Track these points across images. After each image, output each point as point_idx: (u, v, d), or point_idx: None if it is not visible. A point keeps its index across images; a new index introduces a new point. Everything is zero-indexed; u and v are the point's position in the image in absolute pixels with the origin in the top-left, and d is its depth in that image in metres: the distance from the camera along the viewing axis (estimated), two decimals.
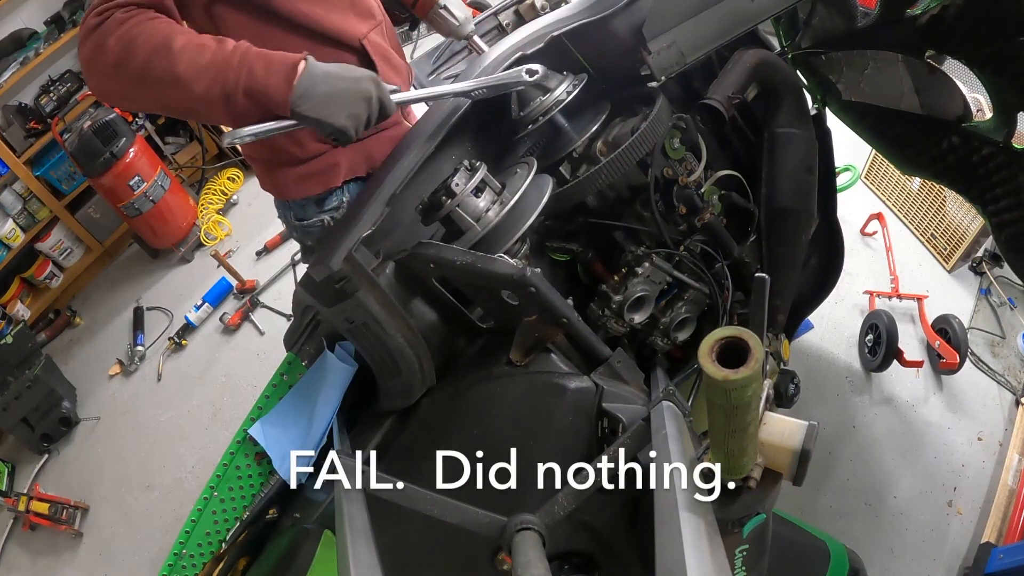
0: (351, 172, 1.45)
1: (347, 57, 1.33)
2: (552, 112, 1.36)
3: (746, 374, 0.59)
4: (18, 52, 3.50)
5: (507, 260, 1.12)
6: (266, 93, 1.06)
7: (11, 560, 2.74)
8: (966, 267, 2.77)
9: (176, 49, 1.04)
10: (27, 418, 2.95)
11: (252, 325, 3.31)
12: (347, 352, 1.31)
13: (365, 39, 1.35)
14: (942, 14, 1.40)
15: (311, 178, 1.44)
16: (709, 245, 1.56)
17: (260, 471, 1.37)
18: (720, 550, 0.66)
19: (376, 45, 1.38)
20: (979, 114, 1.79)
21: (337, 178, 1.44)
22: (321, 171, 1.43)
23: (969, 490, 2.18)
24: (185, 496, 2.68)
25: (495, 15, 1.78)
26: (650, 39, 1.36)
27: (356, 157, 1.44)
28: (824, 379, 2.50)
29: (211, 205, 4.04)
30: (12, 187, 3.52)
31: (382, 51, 1.40)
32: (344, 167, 1.43)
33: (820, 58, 1.82)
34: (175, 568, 1.37)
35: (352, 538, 0.86)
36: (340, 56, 1.30)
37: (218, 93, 1.05)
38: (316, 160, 1.41)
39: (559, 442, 1.13)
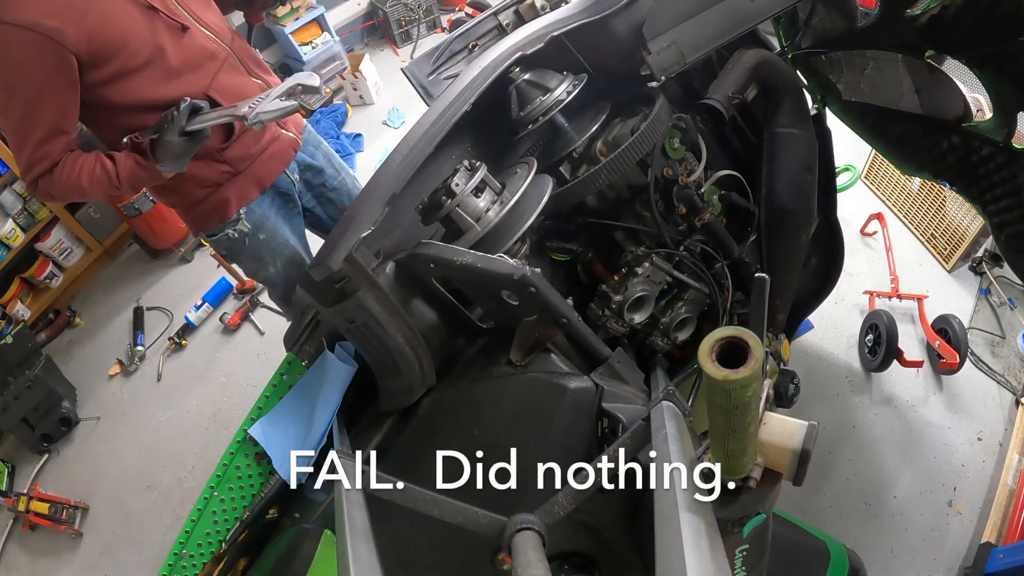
0: (242, 201, 1.74)
1: None
2: (552, 112, 1.37)
3: (746, 374, 0.59)
4: None
5: (507, 260, 1.12)
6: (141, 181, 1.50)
7: (11, 560, 2.73)
8: (966, 267, 2.77)
9: (87, 190, 1.50)
10: (27, 418, 2.95)
11: (252, 325, 3.31)
12: (347, 352, 1.31)
13: (209, 89, 1.55)
14: (942, 14, 1.40)
15: (209, 215, 1.74)
16: (709, 245, 1.56)
17: (260, 471, 1.37)
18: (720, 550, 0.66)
19: (222, 88, 1.58)
20: (979, 114, 1.78)
21: (230, 211, 1.73)
22: (214, 208, 1.72)
23: (969, 490, 2.18)
24: (185, 496, 2.68)
25: (495, 15, 1.78)
26: (650, 39, 1.36)
27: (244, 186, 1.72)
28: (824, 379, 2.50)
29: None
30: (12, 187, 3.51)
31: (230, 91, 1.58)
32: (234, 200, 1.72)
33: (820, 58, 1.82)
34: (175, 568, 1.36)
35: (352, 538, 0.86)
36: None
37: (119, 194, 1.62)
38: (207, 201, 1.70)
39: (559, 442, 1.13)
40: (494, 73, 1.29)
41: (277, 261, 1.89)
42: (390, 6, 4.98)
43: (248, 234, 1.78)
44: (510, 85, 1.37)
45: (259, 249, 1.84)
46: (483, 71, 1.28)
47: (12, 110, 1.42)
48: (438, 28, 5.18)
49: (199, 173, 1.62)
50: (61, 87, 1.40)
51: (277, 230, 1.86)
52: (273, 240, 1.85)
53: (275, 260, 1.89)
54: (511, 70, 1.33)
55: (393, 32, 5.08)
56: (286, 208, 1.90)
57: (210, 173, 1.65)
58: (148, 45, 1.45)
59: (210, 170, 1.65)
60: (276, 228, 1.85)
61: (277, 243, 1.87)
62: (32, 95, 1.39)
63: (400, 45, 5.12)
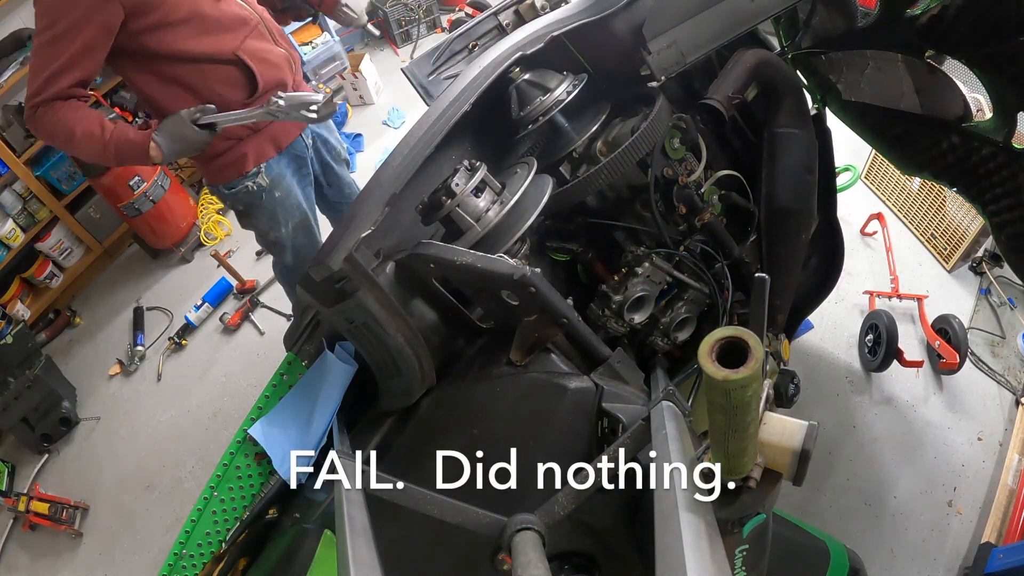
0: (260, 158, 1.88)
1: (227, 69, 1.73)
2: (552, 112, 1.37)
3: (746, 374, 0.59)
4: (18, 52, 3.49)
5: (507, 260, 1.12)
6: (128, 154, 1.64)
7: (11, 560, 2.74)
8: (966, 267, 2.77)
9: (76, 138, 1.61)
10: (27, 418, 2.95)
11: (252, 325, 3.31)
12: (347, 352, 1.30)
13: (239, 50, 1.72)
14: (942, 14, 1.40)
15: (227, 168, 1.88)
16: (709, 245, 1.56)
17: (260, 471, 1.37)
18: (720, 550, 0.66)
19: (251, 51, 1.75)
20: (979, 114, 1.78)
21: (247, 165, 1.86)
22: (232, 162, 1.86)
23: (969, 490, 2.18)
24: (185, 496, 2.68)
25: (495, 15, 1.78)
26: (650, 39, 1.36)
27: (262, 144, 1.87)
28: (824, 379, 2.50)
29: (211, 205, 4.03)
30: (12, 187, 3.52)
31: (257, 55, 1.76)
32: (252, 156, 1.86)
33: (820, 58, 1.82)
34: (175, 568, 1.36)
35: (352, 538, 0.86)
36: (221, 70, 1.72)
37: (103, 159, 1.66)
38: (227, 154, 1.85)
39: (559, 442, 1.13)
40: (494, 73, 1.29)
41: (289, 223, 2.03)
42: (390, 6, 4.98)
43: (266, 189, 1.92)
44: (510, 85, 1.37)
45: (274, 207, 1.97)
46: (483, 71, 1.28)
47: (46, 33, 1.55)
48: (438, 28, 5.18)
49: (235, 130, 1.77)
50: (97, 26, 1.53)
51: (291, 190, 1.99)
52: (287, 200, 1.98)
53: (287, 221, 2.02)
54: (511, 70, 1.33)
55: (393, 32, 5.08)
56: (300, 174, 2.05)
57: (232, 127, 1.73)
58: (187, 4, 1.62)
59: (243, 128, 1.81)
60: (291, 188, 1.99)
61: (291, 203, 2.00)
62: (69, 25, 1.52)
63: (400, 45, 5.12)
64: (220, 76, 1.73)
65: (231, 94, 1.73)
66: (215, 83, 1.73)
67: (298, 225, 2.06)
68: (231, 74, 1.74)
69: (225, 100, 1.70)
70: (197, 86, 1.70)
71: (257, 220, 2.02)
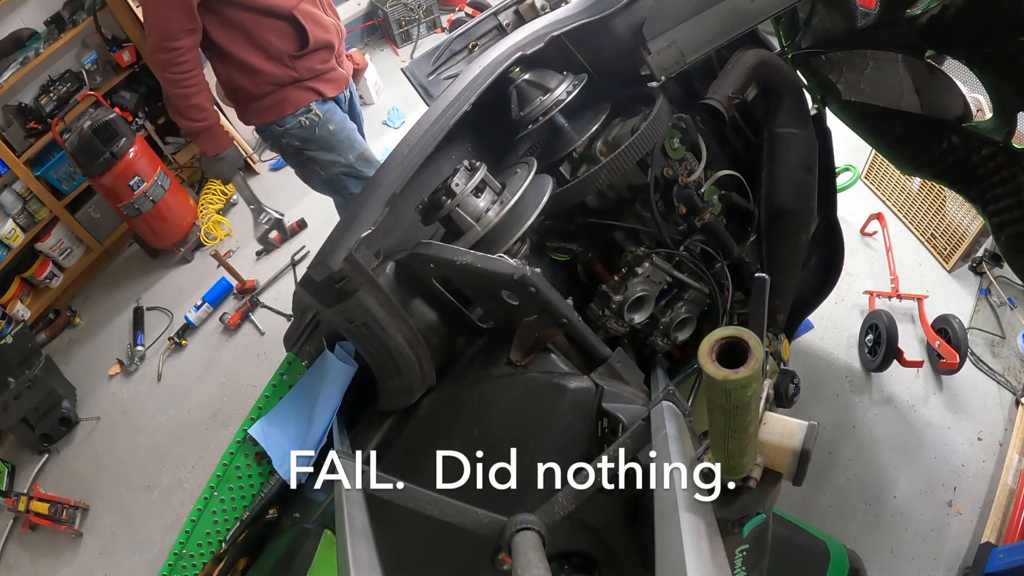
0: (297, 105, 2.06)
1: (282, 25, 1.95)
2: (552, 112, 1.36)
3: (746, 374, 0.59)
4: (18, 52, 3.49)
5: (507, 260, 1.12)
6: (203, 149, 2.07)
7: (11, 560, 2.74)
8: (966, 267, 2.77)
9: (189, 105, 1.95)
10: (27, 418, 2.95)
11: (252, 325, 3.31)
12: (347, 352, 1.30)
13: (295, 9, 1.95)
14: (942, 14, 1.40)
15: (266, 111, 2.08)
16: (709, 245, 1.55)
17: (260, 471, 1.37)
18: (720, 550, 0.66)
19: (305, 13, 1.97)
20: (979, 114, 1.78)
21: (285, 110, 2.06)
22: (271, 105, 2.06)
23: (969, 490, 2.18)
24: (185, 496, 2.68)
25: (495, 15, 1.78)
26: (650, 39, 1.36)
27: (301, 94, 2.06)
28: (824, 379, 2.50)
29: (211, 205, 4.03)
30: (12, 187, 3.52)
31: (311, 17, 1.99)
32: (290, 103, 2.06)
33: (820, 58, 1.82)
34: (175, 568, 1.36)
35: (352, 538, 0.86)
36: (277, 25, 1.95)
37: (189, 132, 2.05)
38: (267, 98, 2.05)
39: (559, 442, 1.13)
40: (494, 73, 1.29)
41: (349, 154, 2.18)
42: (390, 6, 4.98)
43: (319, 123, 2.09)
44: (510, 85, 1.37)
45: (330, 139, 2.13)
46: (483, 71, 1.28)
47: None
48: (438, 28, 5.18)
49: (269, 71, 1.98)
50: None
51: (344, 124, 2.18)
52: (342, 132, 2.15)
53: (347, 153, 2.17)
54: (511, 70, 1.33)
55: (393, 32, 5.08)
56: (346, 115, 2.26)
57: (278, 73, 1.99)
58: None
59: (279, 71, 2.00)
60: (343, 123, 2.17)
61: (346, 134, 2.17)
62: None
63: (400, 45, 5.12)
64: (274, 28, 1.96)
65: (282, 45, 1.97)
66: (269, 32, 1.96)
67: (359, 156, 2.21)
68: (284, 28, 1.98)
69: (275, 49, 1.97)
70: (253, 32, 1.94)
71: (315, 152, 2.16)
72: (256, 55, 1.98)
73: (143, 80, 3.92)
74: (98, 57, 3.73)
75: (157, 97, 4.01)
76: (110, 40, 3.72)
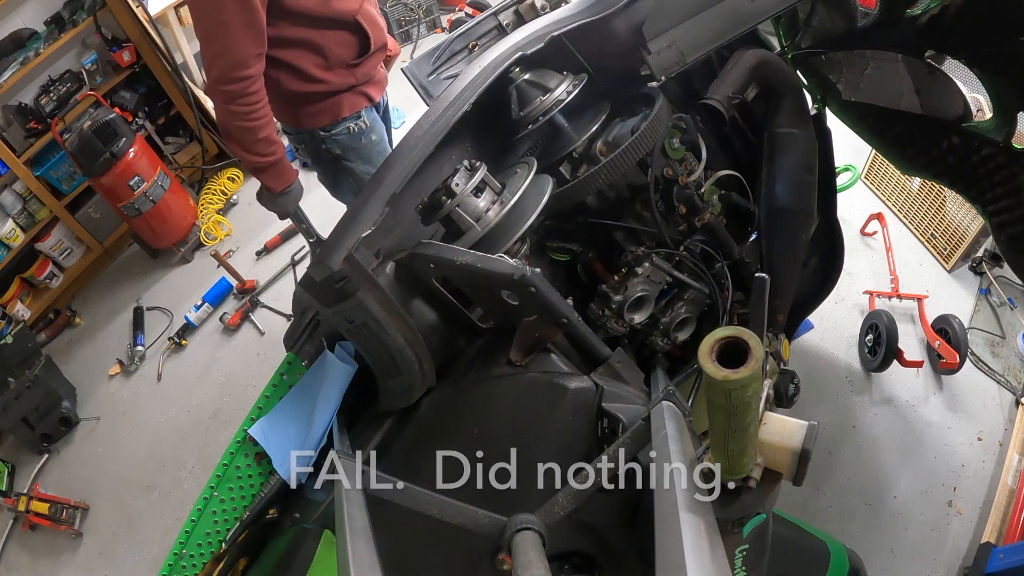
0: (352, 109, 1.98)
1: (344, 34, 1.85)
2: (552, 112, 1.36)
3: (746, 374, 0.59)
4: (18, 52, 3.49)
5: (507, 260, 1.12)
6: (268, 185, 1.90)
7: (11, 560, 2.74)
8: (966, 267, 2.77)
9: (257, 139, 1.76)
10: (27, 418, 2.95)
11: (252, 325, 3.31)
12: (347, 352, 1.30)
13: (358, 14, 1.84)
14: (942, 14, 1.40)
15: (321, 114, 1.97)
16: (709, 245, 1.55)
17: (260, 471, 1.37)
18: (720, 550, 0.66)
19: (367, 16, 1.87)
20: (979, 114, 1.78)
21: (343, 112, 1.97)
22: (327, 108, 1.96)
23: (969, 490, 2.18)
24: (185, 496, 2.68)
25: (495, 15, 1.78)
26: (650, 39, 1.36)
27: (356, 98, 1.99)
28: (824, 379, 2.50)
29: (211, 205, 4.03)
30: (12, 187, 3.51)
31: (371, 20, 1.90)
32: (346, 106, 1.97)
33: (820, 58, 1.82)
34: (175, 568, 1.36)
35: (352, 538, 0.86)
36: (340, 32, 1.84)
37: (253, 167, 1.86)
38: (324, 102, 1.94)
39: (559, 442, 1.13)
40: (494, 73, 1.29)
41: None
42: (390, 6, 4.98)
43: (364, 132, 2.04)
44: (510, 85, 1.37)
45: (370, 149, 2.08)
46: (483, 71, 1.28)
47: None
48: (438, 28, 5.18)
49: (328, 79, 1.89)
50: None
51: (384, 137, 2.14)
52: (381, 144, 2.11)
53: None
54: (511, 70, 1.33)
55: (393, 32, 5.08)
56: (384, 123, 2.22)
57: (337, 81, 1.91)
58: None
59: (340, 79, 1.91)
60: (383, 135, 2.14)
61: (384, 147, 2.13)
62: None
63: (400, 45, 5.12)
64: (337, 38, 1.85)
65: (343, 53, 1.87)
66: (332, 43, 1.84)
67: None
68: (346, 37, 1.87)
69: (337, 58, 1.86)
70: (315, 43, 1.82)
71: (353, 163, 2.09)
72: (316, 64, 1.85)
73: (143, 80, 3.92)
74: (98, 57, 3.73)
75: (157, 97, 4.01)
76: (110, 40, 3.72)
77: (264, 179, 1.87)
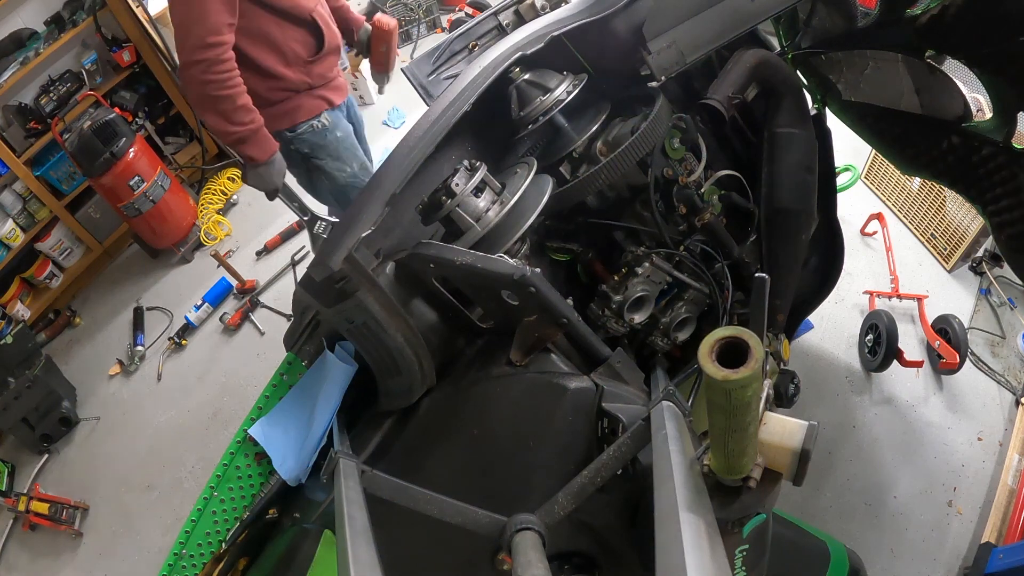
0: (309, 113, 2.10)
1: (301, 31, 1.99)
2: (552, 112, 1.37)
3: (746, 374, 0.59)
4: (18, 52, 3.49)
5: (507, 260, 1.12)
6: (252, 155, 1.94)
7: (11, 560, 2.73)
8: (966, 267, 2.77)
9: (236, 107, 1.84)
10: (27, 418, 2.94)
11: (252, 325, 3.31)
12: (347, 352, 1.30)
13: (313, 12, 1.99)
14: (942, 14, 1.40)
15: (281, 117, 2.08)
16: (709, 245, 1.56)
17: (260, 471, 1.37)
18: (720, 550, 0.66)
19: (321, 16, 2.02)
20: (979, 114, 1.78)
21: (298, 118, 2.09)
22: (285, 112, 2.08)
23: (969, 490, 2.18)
24: (185, 496, 2.68)
25: (495, 15, 1.78)
26: (650, 39, 1.36)
27: (313, 102, 2.11)
28: (824, 379, 2.50)
29: (211, 205, 4.03)
30: (12, 187, 3.51)
31: (324, 19, 2.04)
32: (304, 110, 2.10)
33: (820, 58, 1.82)
34: (175, 568, 1.36)
35: (352, 538, 0.86)
36: (297, 30, 1.98)
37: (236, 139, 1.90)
38: (281, 104, 2.07)
39: (559, 442, 1.13)
40: (494, 73, 1.29)
41: (353, 163, 2.25)
42: (390, 6, 4.98)
43: (328, 128, 2.14)
44: (510, 85, 1.37)
45: (337, 147, 2.18)
46: (483, 71, 1.28)
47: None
48: (438, 28, 5.18)
49: (287, 75, 2.01)
50: None
51: (350, 134, 2.24)
52: (347, 140, 2.21)
53: (351, 161, 2.24)
54: (511, 70, 1.33)
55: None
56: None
57: (295, 78, 2.02)
58: None
59: (295, 76, 2.02)
60: (349, 132, 2.23)
61: (351, 142, 2.23)
62: None
63: (400, 45, 5.12)
64: (295, 33, 1.98)
65: (300, 50, 2.00)
66: (290, 37, 1.98)
67: (362, 166, 2.27)
68: (303, 34, 2.01)
69: (295, 53, 1.99)
70: (275, 35, 1.95)
71: (323, 161, 2.19)
72: (276, 59, 1.97)
73: (143, 80, 3.91)
74: (98, 57, 3.72)
75: (157, 97, 4.01)
76: (110, 40, 3.72)
77: (248, 150, 1.92)
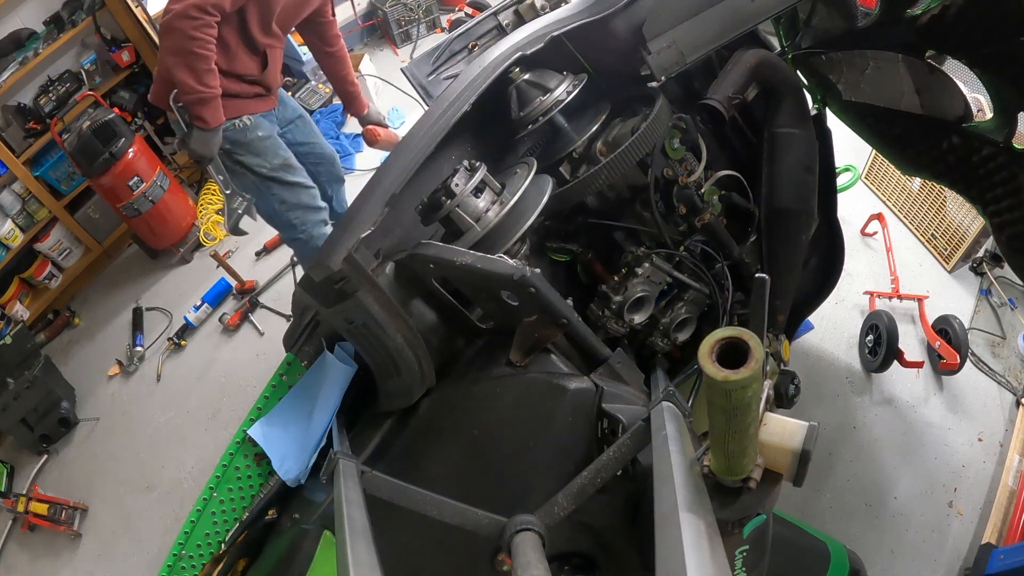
0: (232, 114, 2.17)
1: (255, 58, 2.19)
2: (552, 112, 1.36)
3: (746, 375, 0.59)
4: (17, 52, 3.49)
5: (507, 260, 1.11)
6: (206, 117, 2.05)
7: (10, 561, 2.73)
8: (966, 267, 2.77)
9: (209, 68, 1.98)
10: (26, 419, 2.94)
11: (252, 326, 3.31)
12: (347, 353, 1.30)
13: (268, 49, 2.19)
14: (942, 14, 1.40)
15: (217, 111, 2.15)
16: (709, 245, 1.55)
17: (260, 471, 1.36)
18: (720, 551, 0.66)
19: (274, 57, 2.25)
20: (979, 114, 1.78)
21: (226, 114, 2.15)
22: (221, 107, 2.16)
23: (969, 490, 2.18)
24: (185, 496, 2.68)
25: (495, 15, 1.78)
26: (650, 39, 1.36)
27: (238, 105, 2.21)
28: (824, 380, 2.50)
29: (210, 205, 4.03)
30: (11, 187, 3.51)
31: (275, 61, 2.26)
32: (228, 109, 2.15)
33: (820, 58, 1.82)
34: (174, 569, 1.36)
35: (352, 538, 0.86)
36: (251, 55, 2.17)
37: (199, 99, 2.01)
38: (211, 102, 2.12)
39: (559, 443, 1.13)
40: (494, 73, 1.29)
41: (273, 160, 2.35)
42: (390, 6, 4.98)
43: (249, 129, 2.25)
44: (510, 85, 1.37)
45: (257, 146, 2.29)
46: (483, 71, 1.28)
47: None
48: (438, 28, 5.18)
49: (224, 80, 2.09)
50: None
51: (272, 133, 2.35)
52: (269, 141, 2.32)
53: (270, 160, 2.34)
54: (511, 70, 1.33)
55: (393, 32, 5.08)
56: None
57: (228, 84, 2.12)
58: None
59: (230, 82, 2.13)
60: (272, 134, 2.35)
61: (272, 142, 2.34)
62: None
63: (400, 45, 5.12)
64: (245, 55, 2.14)
65: (242, 69, 2.15)
66: (242, 54, 2.13)
67: (282, 163, 2.37)
68: (252, 61, 2.17)
69: (238, 69, 2.14)
70: (232, 47, 2.09)
71: (244, 158, 2.29)
72: (223, 61, 2.09)
73: (142, 80, 3.91)
74: (97, 57, 3.73)
75: None
76: (109, 40, 3.72)
77: (204, 112, 2.03)
